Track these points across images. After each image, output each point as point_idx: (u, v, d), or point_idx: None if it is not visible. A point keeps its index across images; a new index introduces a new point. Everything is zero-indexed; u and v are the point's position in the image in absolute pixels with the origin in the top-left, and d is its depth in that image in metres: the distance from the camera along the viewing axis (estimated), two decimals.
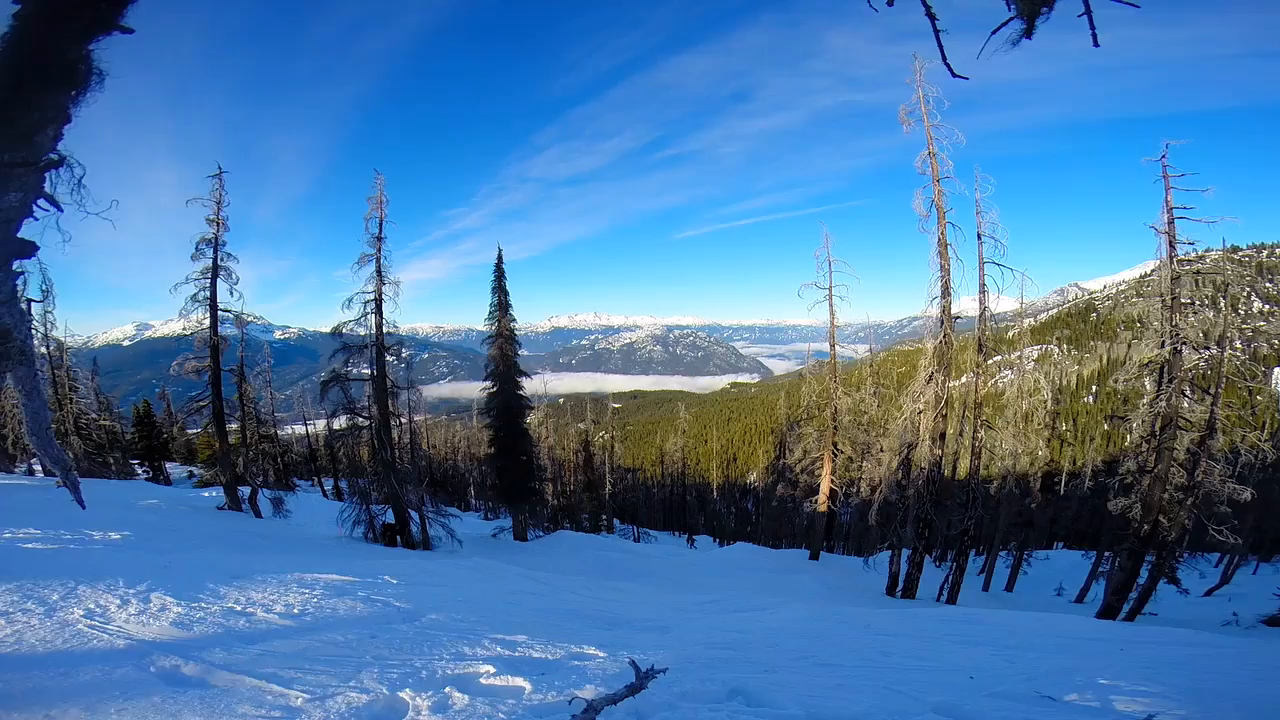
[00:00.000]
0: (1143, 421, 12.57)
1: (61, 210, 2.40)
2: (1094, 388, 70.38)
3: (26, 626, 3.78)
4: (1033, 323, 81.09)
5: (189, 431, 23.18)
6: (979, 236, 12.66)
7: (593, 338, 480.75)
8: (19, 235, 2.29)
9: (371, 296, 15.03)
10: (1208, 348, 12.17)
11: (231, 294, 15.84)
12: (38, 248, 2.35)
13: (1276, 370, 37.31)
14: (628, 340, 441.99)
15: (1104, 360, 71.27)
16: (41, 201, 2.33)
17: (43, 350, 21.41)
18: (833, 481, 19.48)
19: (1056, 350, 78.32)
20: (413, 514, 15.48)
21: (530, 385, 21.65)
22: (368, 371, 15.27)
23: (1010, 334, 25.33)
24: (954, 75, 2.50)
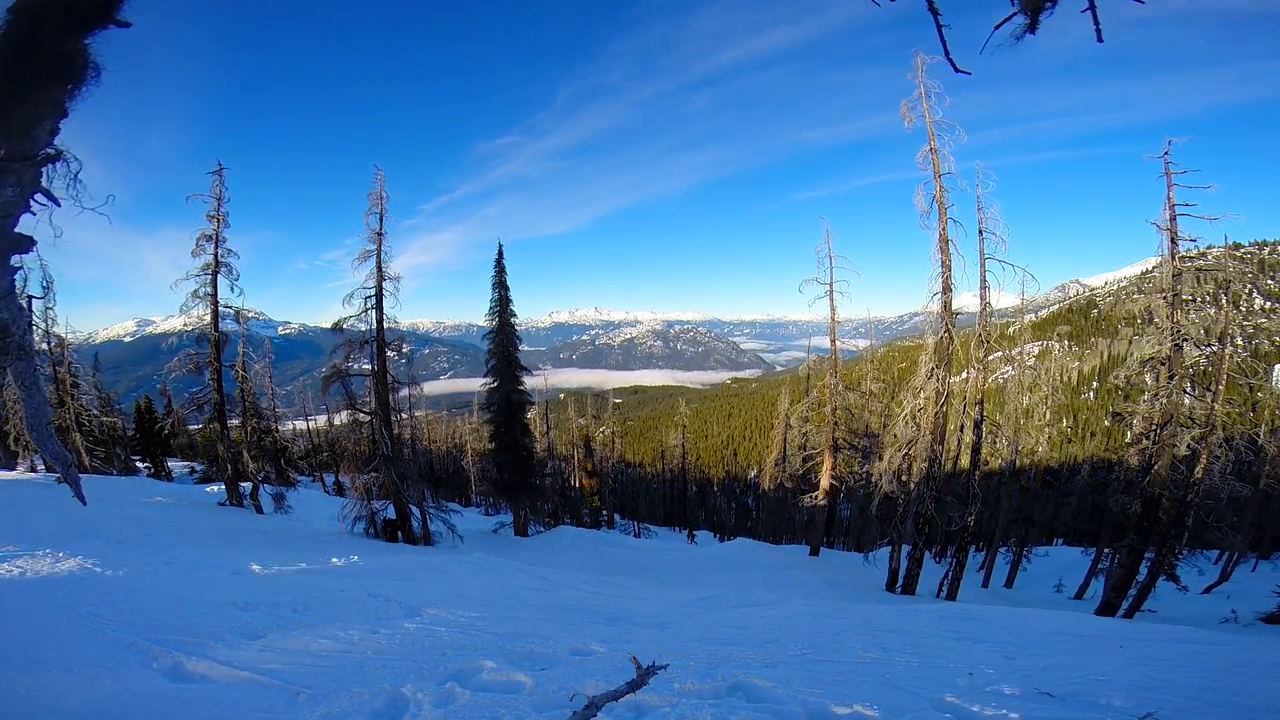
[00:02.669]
0: (1143, 418, 12.57)
1: (59, 205, 2.39)
2: (1094, 384, 70.34)
3: (31, 621, 3.80)
4: (1034, 319, 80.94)
5: (190, 428, 23.20)
6: (980, 232, 12.61)
7: (593, 333, 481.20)
8: (16, 230, 2.28)
9: (372, 292, 15.05)
10: (1209, 344, 12.16)
11: (232, 290, 15.87)
12: (35, 242, 2.34)
13: (1277, 367, 37.26)
14: (628, 336, 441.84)
15: (1105, 357, 71.20)
16: (38, 196, 2.32)
17: (44, 347, 21.43)
18: (833, 477, 19.49)
19: (1057, 346, 78.20)
20: (414, 509, 15.52)
21: (531, 381, 21.67)
22: (368, 367, 15.28)
23: (1011, 330, 25.32)
24: (957, 70, 2.48)
